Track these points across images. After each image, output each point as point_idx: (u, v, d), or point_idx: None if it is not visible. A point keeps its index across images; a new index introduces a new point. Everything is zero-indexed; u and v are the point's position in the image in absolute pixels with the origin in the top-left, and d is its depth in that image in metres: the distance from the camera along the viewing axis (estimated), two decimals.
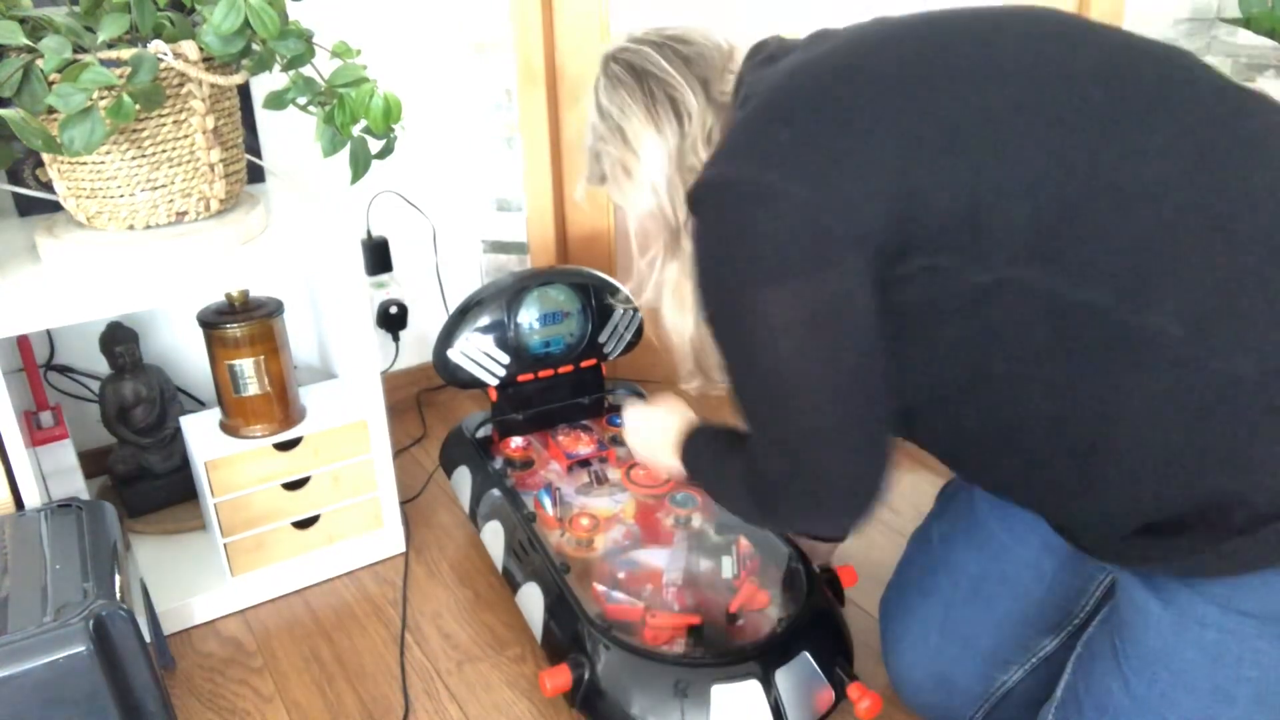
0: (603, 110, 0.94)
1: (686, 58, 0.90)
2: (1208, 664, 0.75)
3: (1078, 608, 0.97)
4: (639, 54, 0.91)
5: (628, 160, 0.92)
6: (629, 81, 0.91)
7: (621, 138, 0.92)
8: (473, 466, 1.44)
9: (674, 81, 0.89)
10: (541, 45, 1.70)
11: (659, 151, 0.89)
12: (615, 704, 1.05)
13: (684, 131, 0.89)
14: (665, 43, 0.92)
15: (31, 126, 0.96)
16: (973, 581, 1.02)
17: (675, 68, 0.90)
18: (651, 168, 0.90)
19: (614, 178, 0.95)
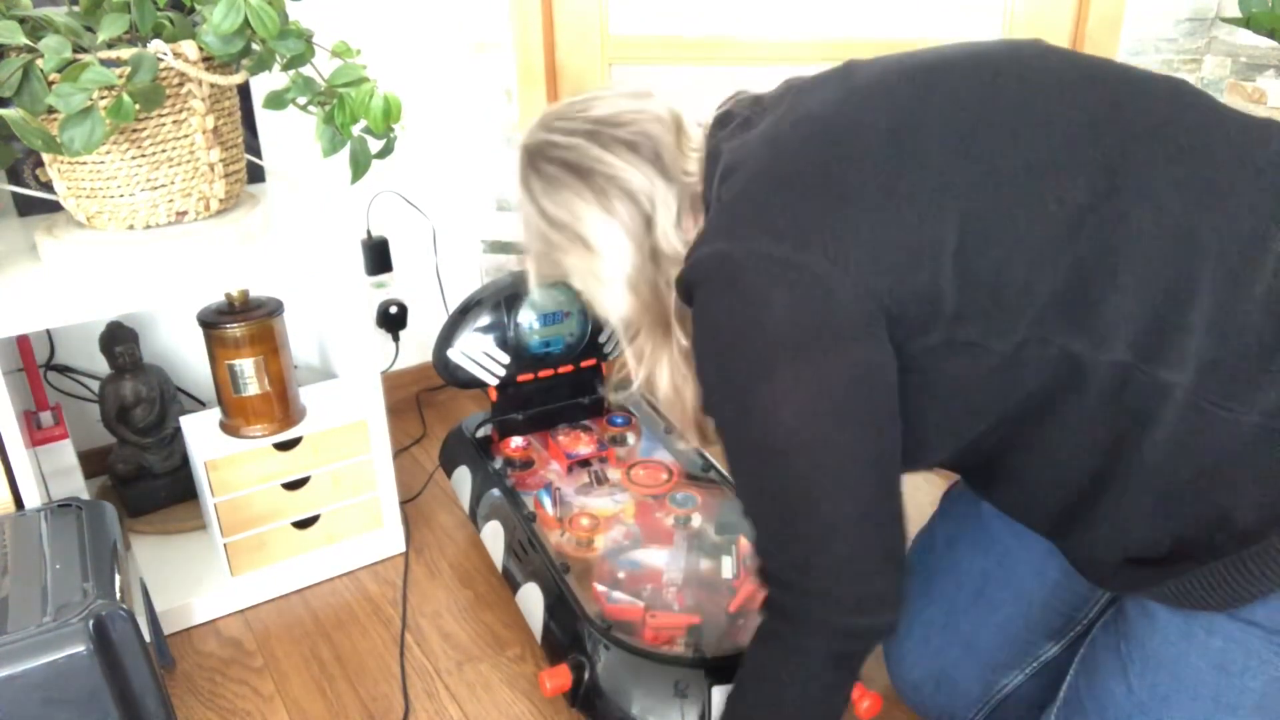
0: (550, 217, 0.86)
1: (629, 142, 0.83)
2: (1213, 671, 0.75)
3: (1081, 614, 0.97)
4: (574, 149, 0.84)
5: (594, 266, 0.85)
6: (572, 182, 0.84)
7: (582, 244, 0.85)
8: (473, 466, 1.44)
9: (624, 173, 0.82)
10: (541, 45, 1.70)
11: (626, 249, 0.83)
12: (615, 704, 1.05)
13: (651, 221, 0.82)
14: (598, 129, 0.84)
15: (31, 126, 0.96)
16: (976, 585, 1.01)
17: (621, 156, 0.82)
18: (623, 266, 0.84)
19: (585, 285, 0.89)
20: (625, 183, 0.82)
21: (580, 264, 0.86)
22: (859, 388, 0.72)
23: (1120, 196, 0.69)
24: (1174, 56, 1.65)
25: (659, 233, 0.82)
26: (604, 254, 0.84)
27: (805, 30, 1.66)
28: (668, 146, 0.83)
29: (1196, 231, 0.68)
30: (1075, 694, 0.87)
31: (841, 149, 0.73)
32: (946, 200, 0.70)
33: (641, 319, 0.87)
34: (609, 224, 0.83)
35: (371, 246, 1.71)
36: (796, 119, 0.78)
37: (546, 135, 0.86)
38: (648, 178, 0.82)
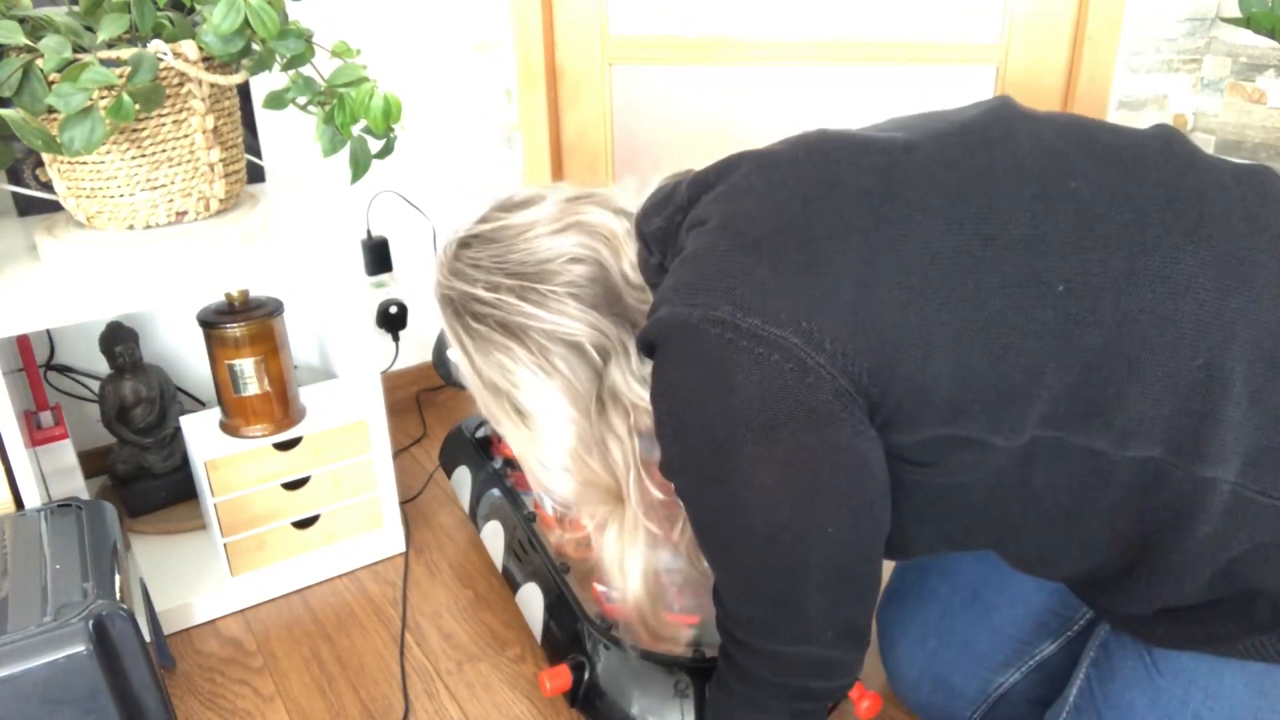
0: (486, 381, 0.78)
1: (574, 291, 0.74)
2: (1251, 693, 0.72)
3: (1079, 614, 0.97)
4: (500, 306, 0.75)
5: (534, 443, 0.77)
6: (504, 342, 0.75)
7: (518, 416, 0.77)
8: (473, 466, 1.44)
9: (566, 326, 0.74)
10: (541, 45, 1.70)
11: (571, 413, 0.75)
12: (615, 704, 1.05)
13: (602, 372, 0.74)
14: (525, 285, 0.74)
15: (31, 126, 0.96)
16: (972, 588, 1.01)
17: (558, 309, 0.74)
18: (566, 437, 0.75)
19: (526, 466, 0.80)
20: (567, 335, 0.74)
21: (519, 440, 0.78)
22: (832, 473, 0.66)
23: (1137, 281, 0.63)
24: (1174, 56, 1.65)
25: (614, 381, 0.75)
26: (542, 426, 0.76)
27: (805, 30, 1.66)
28: (612, 271, 0.75)
29: (1222, 313, 0.63)
30: (1089, 699, 0.84)
31: (820, 212, 0.66)
32: (936, 279, 0.63)
33: (586, 494, 0.80)
34: (548, 389, 0.75)
35: (371, 246, 1.71)
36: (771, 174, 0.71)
37: (467, 288, 0.77)
38: (593, 324, 0.75)
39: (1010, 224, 0.65)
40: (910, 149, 0.69)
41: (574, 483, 0.79)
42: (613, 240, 0.77)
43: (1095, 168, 0.68)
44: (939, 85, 1.67)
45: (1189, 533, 0.66)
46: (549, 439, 0.77)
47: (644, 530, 0.80)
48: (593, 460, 0.77)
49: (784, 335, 0.63)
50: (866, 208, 0.66)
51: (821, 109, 1.72)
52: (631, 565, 0.83)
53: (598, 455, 0.77)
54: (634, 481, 0.78)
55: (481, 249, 0.79)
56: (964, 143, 0.69)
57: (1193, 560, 0.67)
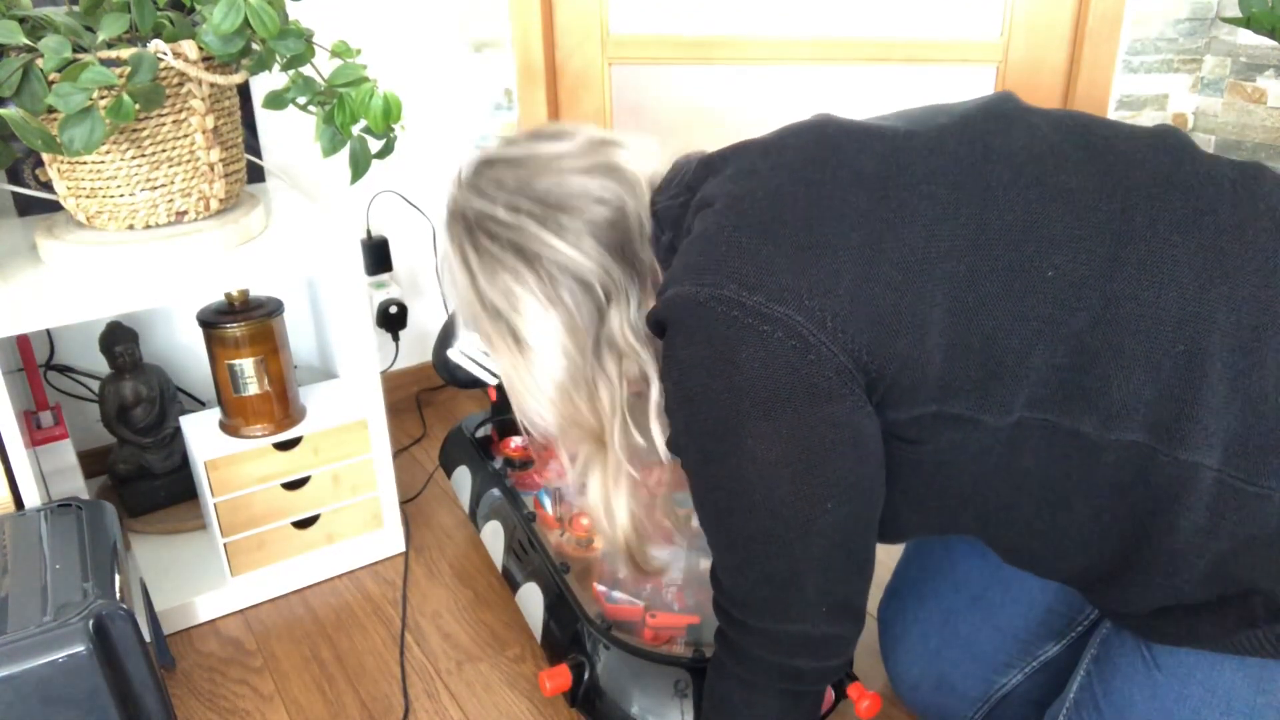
0: (485, 301, 0.77)
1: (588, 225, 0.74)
2: (1249, 688, 0.73)
3: (1082, 615, 0.96)
4: (519, 230, 0.75)
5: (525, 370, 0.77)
6: (515, 265, 0.75)
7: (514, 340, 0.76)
8: (473, 466, 1.44)
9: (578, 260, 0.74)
10: (541, 45, 1.70)
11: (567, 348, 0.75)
12: (615, 704, 1.05)
13: (604, 314, 0.74)
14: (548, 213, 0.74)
15: (31, 126, 0.96)
16: (975, 587, 1.01)
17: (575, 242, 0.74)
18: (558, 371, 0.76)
19: (511, 390, 0.80)
20: (579, 271, 0.74)
21: (509, 365, 0.78)
22: (832, 449, 0.68)
23: (1122, 269, 0.66)
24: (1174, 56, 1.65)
25: (613, 325, 0.75)
26: (538, 355, 0.76)
27: (805, 29, 1.66)
28: (631, 219, 0.76)
29: (1205, 301, 0.65)
30: (1090, 695, 0.85)
31: (823, 195, 0.68)
32: (932, 260, 0.66)
33: (569, 432, 0.80)
34: (550, 319, 0.75)
35: (371, 246, 1.71)
36: (776, 158, 0.73)
37: (486, 206, 0.76)
38: (605, 266, 0.75)
39: (1004, 211, 0.67)
40: (911, 136, 0.71)
41: (558, 417, 0.79)
42: (637, 190, 0.77)
43: (1088, 160, 0.69)
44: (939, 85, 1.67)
45: (1176, 522, 0.67)
46: (541, 370, 0.76)
47: (627, 477, 0.81)
48: (580, 398, 0.77)
49: (787, 313, 0.65)
50: (867, 191, 0.68)
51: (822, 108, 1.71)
52: (618, 507, 0.84)
53: (586, 394, 0.77)
54: (618, 427, 0.79)
55: (506, 170, 0.78)
56: (963, 134, 0.71)
57: (1182, 553, 0.68)
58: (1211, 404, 0.64)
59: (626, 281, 0.75)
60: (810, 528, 0.70)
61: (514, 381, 0.80)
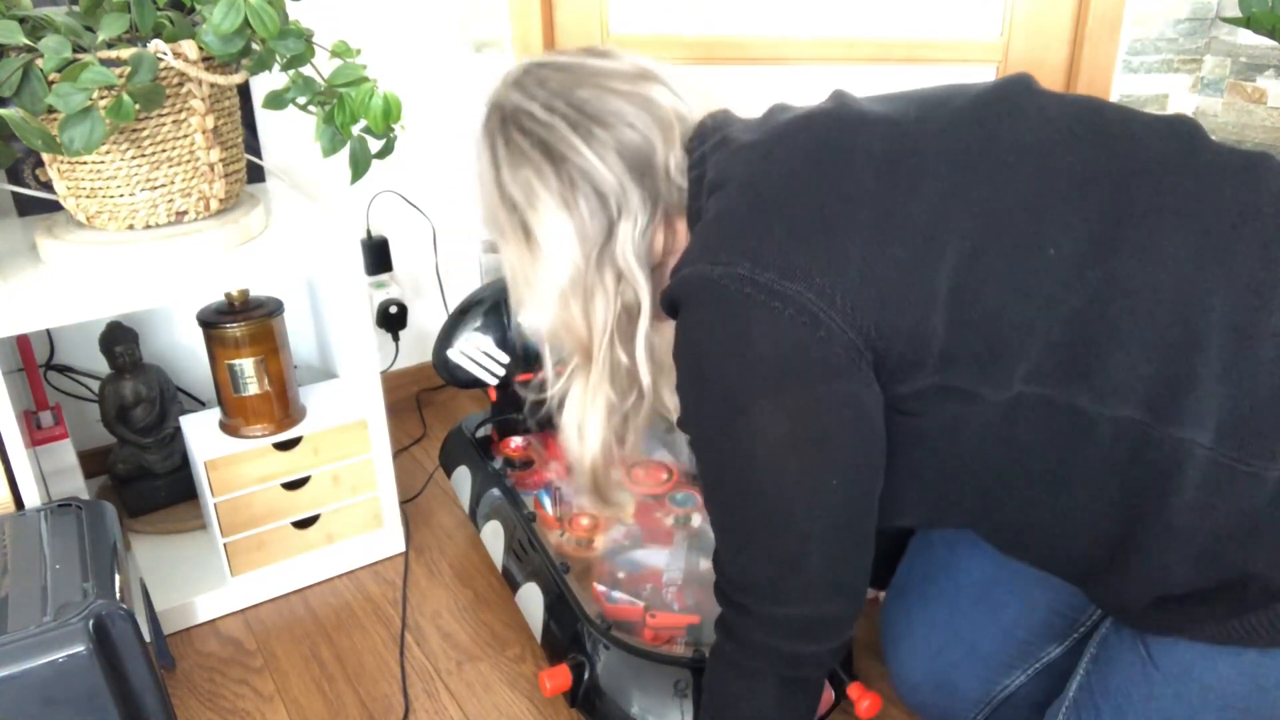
0: (505, 194, 0.79)
1: (615, 143, 0.76)
2: (1245, 685, 0.73)
3: (1085, 616, 0.96)
4: (551, 130, 0.76)
5: (530, 266, 0.78)
6: (540, 163, 0.76)
7: (524, 235, 0.78)
8: (473, 466, 1.44)
9: (600, 172, 0.75)
10: (541, 45, 1.70)
11: (573, 255, 0.76)
12: (615, 704, 1.05)
13: (613, 230, 0.76)
14: (583, 120, 0.76)
15: (31, 126, 0.96)
16: (978, 587, 1.01)
17: (601, 154, 0.76)
18: (560, 275, 0.77)
19: (511, 282, 0.82)
20: (599, 182, 0.76)
21: (515, 258, 0.80)
22: (840, 427, 0.70)
23: (1121, 249, 0.67)
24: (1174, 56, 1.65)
25: (618, 243, 0.77)
26: (545, 255, 0.77)
27: (805, 29, 1.67)
28: (657, 155, 0.77)
29: (1201, 283, 0.66)
30: (1088, 694, 0.85)
31: (834, 176, 0.70)
32: (939, 239, 0.67)
33: (561, 337, 0.82)
34: (563, 222, 0.76)
35: (371, 246, 1.71)
36: (789, 140, 0.74)
37: (525, 103, 0.78)
38: (623, 184, 0.76)
39: (1009, 193, 0.69)
40: (922, 120, 0.73)
41: (552, 319, 0.80)
42: (669, 133, 0.78)
43: (1096, 143, 0.71)
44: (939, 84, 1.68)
45: (1170, 502, 0.68)
46: (546, 269, 0.78)
47: (605, 396, 0.82)
48: (575, 306, 0.78)
49: (798, 290, 0.66)
50: (877, 172, 0.69)
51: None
52: (591, 427, 0.84)
53: (581, 304, 0.78)
54: (606, 343, 0.80)
55: (552, 74, 0.80)
56: (973, 117, 0.73)
57: (1177, 534, 0.69)
58: (1205, 384, 0.65)
59: (638, 206, 0.77)
60: (814, 506, 0.72)
61: (517, 276, 0.81)
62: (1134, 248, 0.67)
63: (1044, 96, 0.75)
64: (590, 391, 0.83)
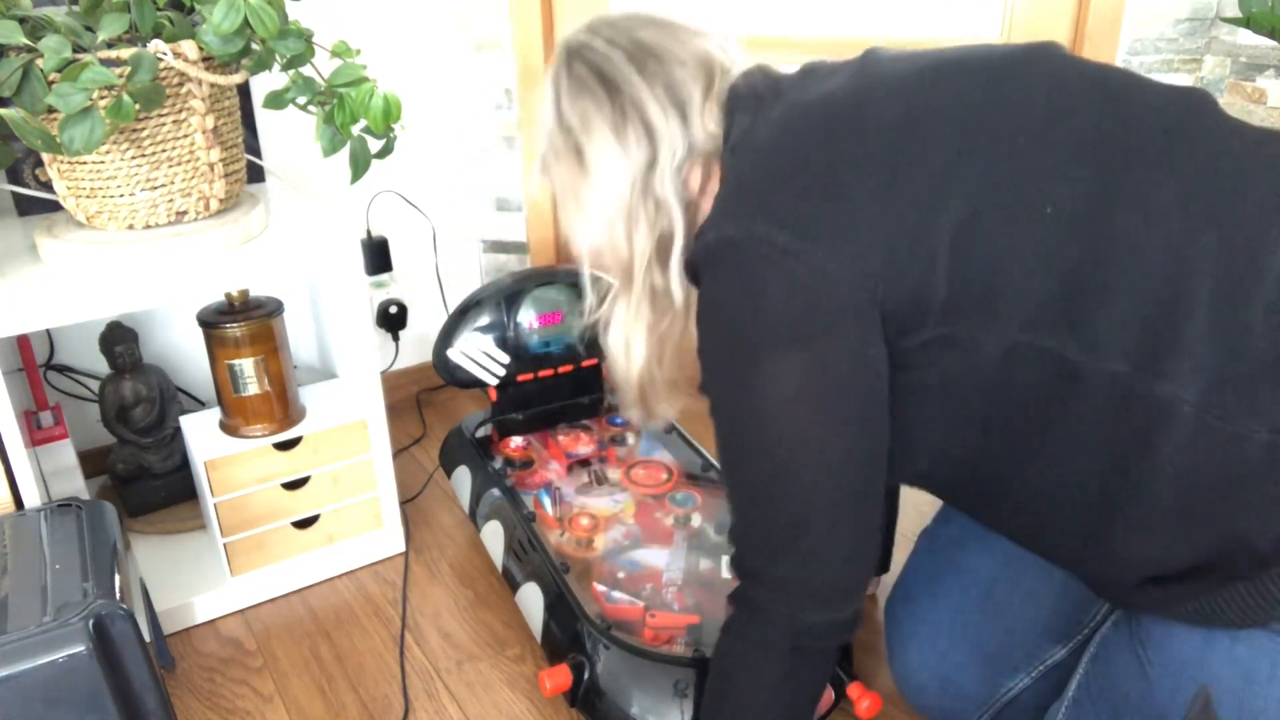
0: (562, 118, 0.85)
1: (664, 79, 0.82)
2: (1237, 678, 0.74)
3: (1088, 617, 0.96)
4: (610, 62, 0.83)
5: (580, 186, 0.84)
6: (597, 91, 0.82)
7: (577, 158, 0.83)
8: (473, 466, 1.44)
9: (649, 106, 0.81)
10: (541, 45, 1.70)
11: (621, 179, 0.81)
12: (615, 704, 1.05)
13: (654, 161, 0.81)
14: (639, 54, 0.83)
15: (31, 126, 0.96)
16: (984, 587, 1.01)
17: (652, 89, 0.81)
18: (608, 197, 0.82)
19: (563, 202, 0.87)
20: (647, 115, 0.81)
21: (567, 178, 0.85)
22: (848, 382, 0.73)
23: (1113, 208, 0.70)
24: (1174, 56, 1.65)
25: (658, 174, 0.82)
26: (595, 178, 0.83)
27: (805, 28, 1.67)
28: (695, 99, 0.82)
29: (1192, 246, 0.68)
30: (1087, 693, 0.86)
31: (847, 143, 0.74)
32: (944, 199, 0.71)
33: (606, 257, 0.86)
34: (613, 149, 0.82)
35: (371, 246, 1.71)
36: (808, 105, 0.78)
37: (590, 38, 0.85)
38: (668, 119, 0.81)
39: (1011, 156, 0.72)
40: (936, 85, 0.76)
41: (596, 241, 0.85)
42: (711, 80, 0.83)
43: (1104, 108, 0.74)
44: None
45: (1155, 458, 0.70)
46: (593, 193, 0.83)
47: (646, 316, 0.87)
48: (619, 229, 0.83)
49: (811, 249, 0.71)
50: (885, 139, 0.73)
51: None
52: (636, 343, 0.89)
53: (624, 228, 0.83)
54: (644, 267, 0.85)
55: (621, 18, 0.86)
56: (985, 81, 0.76)
57: (1162, 494, 0.71)
58: (1192, 342, 0.67)
59: (678, 142, 0.81)
60: (823, 465, 0.75)
61: (567, 197, 0.87)
62: (1129, 207, 0.70)
63: (1064, 62, 0.78)
64: (633, 311, 0.87)
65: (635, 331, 0.88)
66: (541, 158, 0.90)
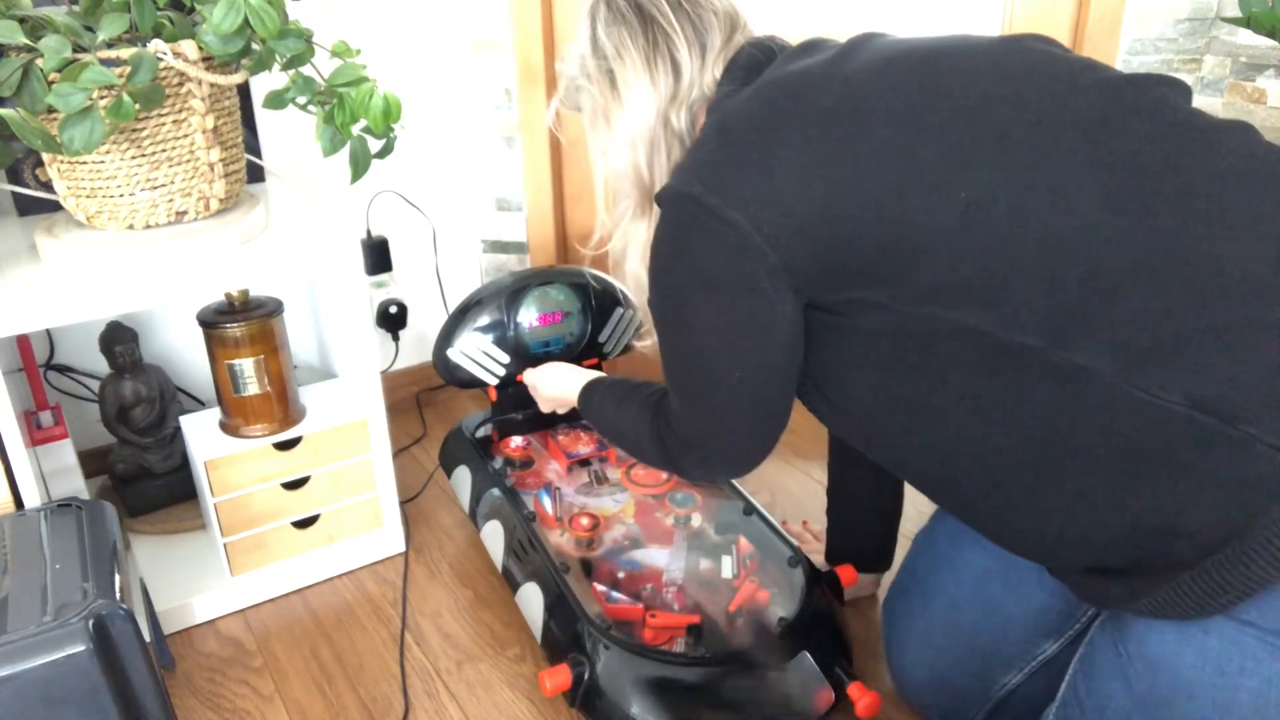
0: (597, 45, 0.91)
1: (694, 21, 0.89)
2: (1210, 672, 0.75)
3: (1079, 612, 0.97)
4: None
5: (611, 109, 0.90)
6: (633, 22, 0.89)
7: (610, 82, 0.90)
8: (473, 466, 1.44)
9: (678, 39, 0.88)
10: (541, 45, 1.70)
11: (648, 106, 0.88)
12: (615, 704, 1.05)
13: (677, 92, 0.88)
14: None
15: (31, 126, 0.96)
16: (976, 583, 1.01)
17: (682, 25, 0.88)
18: (635, 122, 0.89)
19: (592, 124, 0.93)
20: (675, 51, 0.88)
21: (599, 100, 0.91)
22: (757, 322, 0.82)
23: (1034, 193, 0.72)
24: (1174, 56, 1.65)
25: (677, 106, 0.88)
26: (625, 103, 0.89)
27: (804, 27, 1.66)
28: (715, 46, 0.89)
29: (1106, 232, 0.71)
30: (1074, 694, 0.87)
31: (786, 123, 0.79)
32: (860, 182, 0.75)
33: (628, 179, 0.92)
34: (643, 79, 0.88)
35: (371, 246, 1.71)
36: (775, 81, 0.83)
37: None
38: (691, 59, 0.88)
39: (933, 144, 0.75)
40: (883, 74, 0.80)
41: (620, 163, 0.92)
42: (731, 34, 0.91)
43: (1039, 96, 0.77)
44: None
45: (1080, 427, 0.72)
46: (621, 118, 0.90)
47: None
48: (641, 153, 0.90)
49: (735, 217, 0.78)
50: (820, 124, 0.78)
51: None
52: None
53: (646, 153, 0.90)
54: None
55: None
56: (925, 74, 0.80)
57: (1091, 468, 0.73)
58: (1110, 316, 0.70)
59: (695, 81, 0.89)
60: (732, 365, 0.87)
61: (597, 119, 0.93)
62: (1045, 192, 0.72)
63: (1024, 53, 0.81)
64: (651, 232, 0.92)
65: None
66: (568, 83, 0.95)
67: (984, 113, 0.76)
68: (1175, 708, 0.77)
